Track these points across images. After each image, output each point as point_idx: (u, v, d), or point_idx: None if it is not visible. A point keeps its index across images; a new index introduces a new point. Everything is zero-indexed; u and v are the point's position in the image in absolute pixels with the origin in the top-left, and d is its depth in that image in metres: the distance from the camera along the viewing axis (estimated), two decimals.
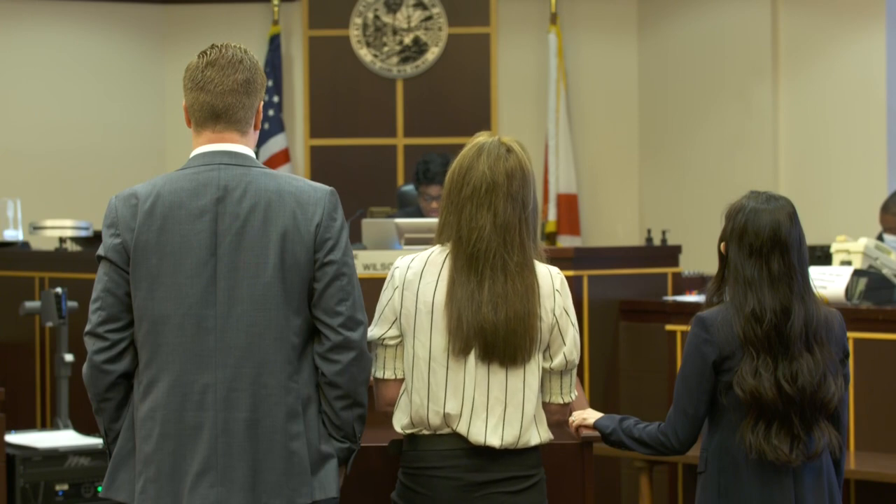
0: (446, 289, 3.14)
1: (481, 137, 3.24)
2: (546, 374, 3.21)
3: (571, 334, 3.20)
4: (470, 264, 3.13)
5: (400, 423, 3.21)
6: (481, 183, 3.16)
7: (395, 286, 3.19)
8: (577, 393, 3.31)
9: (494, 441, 3.14)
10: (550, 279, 3.20)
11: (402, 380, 3.21)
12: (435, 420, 3.15)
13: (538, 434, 3.20)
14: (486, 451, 3.15)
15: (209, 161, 3.06)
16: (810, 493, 3.36)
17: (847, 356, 3.45)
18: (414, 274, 3.18)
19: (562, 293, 3.20)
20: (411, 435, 3.20)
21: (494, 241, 3.13)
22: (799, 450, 3.31)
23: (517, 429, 3.16)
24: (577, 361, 3.23)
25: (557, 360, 3.20)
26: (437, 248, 3.21)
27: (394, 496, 3.25)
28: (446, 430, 3.15)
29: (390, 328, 3.19)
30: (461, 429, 3.14)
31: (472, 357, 3.13)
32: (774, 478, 3.33)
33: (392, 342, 3.20)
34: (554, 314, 3.18)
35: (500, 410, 3.14)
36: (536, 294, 3.14)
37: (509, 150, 3.20)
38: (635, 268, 6.55)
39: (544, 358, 3.19)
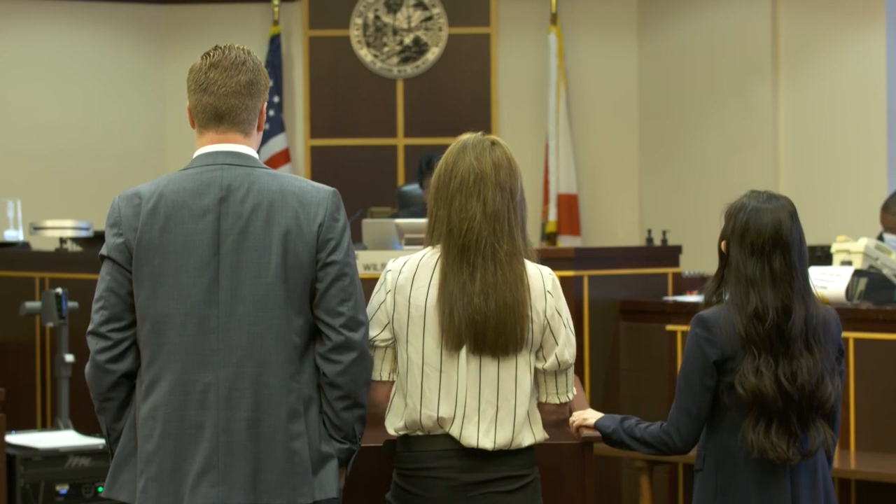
0: (438, 285, 3.13)
1: (464, 136, 3.25)
2: (540, 375, 3.21)
3: (564, 335, 3.19)
4: (462, 255, 3.13)
5: (393, 425, 3.20)
6: (469, 174, 3.16)
7: (387, 290, 3.18)
8: (575, 391, 3.30)
9: (487, 444, 3.13)
10: (542, 280, 3.18)
11: (392, 382, 3.21)
12: (428, 423, 3.15)
13: (532, 434, 3.19)
14: (479, 452, 3.15)
15: (212, 161, 3.06)
16: (806, 490, 3.37)
17: (842, 354, 3.46)
18: (405, 278, 3.17)
19: (554, 294, 3.19)
20: (405, 436, 3.19)
21: (485, 230, 3.13)
22: (796, 447, 3.33)
23: (510, 431, 3.15)
24: (570, 362, 3.22)
25: (550, 361, 3.19)
26: (428, 251, 3.20)
27: (388, 497, 3.24)
28: (440, 431, 3.15)
29: (382, 331, 3.18)
30: (454, 432, 3.14)
31: (463, 353, 3.12)
32: (772, 476, 3.34)
33: (383, 344, 3.19)
34: (545, 315, 3.17)
35: (491, 413, 3.14)
36: (525, 284, 3.14)
37: (493, 143, 3.22)
38: (635, 268, 6.55)
39: (537, 358, 3.19)
